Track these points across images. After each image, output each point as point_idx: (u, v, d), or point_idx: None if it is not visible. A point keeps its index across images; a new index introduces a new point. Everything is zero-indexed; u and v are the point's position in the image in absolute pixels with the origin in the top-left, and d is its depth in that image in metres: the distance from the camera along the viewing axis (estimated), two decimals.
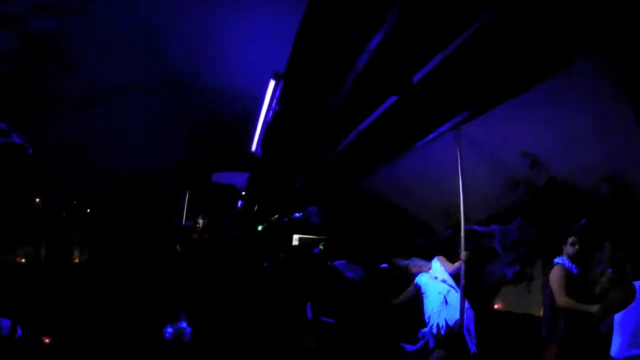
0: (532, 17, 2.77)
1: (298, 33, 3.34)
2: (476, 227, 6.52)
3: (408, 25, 2.97)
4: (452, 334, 4.97)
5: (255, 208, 11.84)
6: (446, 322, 5.01)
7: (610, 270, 3.95)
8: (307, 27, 3.20)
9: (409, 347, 5.39)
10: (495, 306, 6.49)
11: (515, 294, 6.41)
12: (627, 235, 4.78)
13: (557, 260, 4.51)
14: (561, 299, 4.29)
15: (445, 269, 5.33)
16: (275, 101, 5.01)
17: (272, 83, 4.86)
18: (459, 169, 5.21)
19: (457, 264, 5.11)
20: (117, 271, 8.70)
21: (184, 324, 5.77)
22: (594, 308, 3.90)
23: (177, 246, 10.64)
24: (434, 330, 5.07)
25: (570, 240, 4.51)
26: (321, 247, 9.39)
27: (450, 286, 5.22)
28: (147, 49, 5.61)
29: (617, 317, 3.69)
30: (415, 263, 5.68)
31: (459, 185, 5.17)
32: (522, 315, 6.08)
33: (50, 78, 5.63)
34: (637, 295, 3.52)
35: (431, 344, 5.12)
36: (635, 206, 4.92)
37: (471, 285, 5.00)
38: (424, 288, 5.40)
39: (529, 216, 6.13)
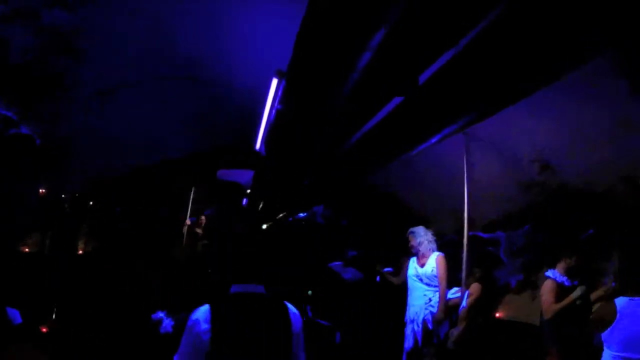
0: (547, 12, 2.62)
1: (299, 31, 3.23)
2: (480, 234, 6.38)
3: (412, 21, 2.85)
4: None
5: (260, 206, 11.77)
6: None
7: (613, 283, 3.87)
8: (307, 25, 3.10)
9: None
10: (497, 315, 6.32)
11: (518, 303, 6.25)
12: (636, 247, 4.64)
13: (547, 273, 4.51)
14: (546, 312, 4.39)
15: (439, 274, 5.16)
16: (277, 100, 4.90)
17: (274, 81, 4.76)
18: (464, 172, 5.12)
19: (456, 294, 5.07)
20: (119, 264, 8.66)
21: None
22: (576, 293, 4.23)
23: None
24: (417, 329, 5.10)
25: (566, 253, 4.50)
26: None
27: (436, 287, 5.14)
28: (158, 41, 5.71)
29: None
30: (420, 236, 5.40)
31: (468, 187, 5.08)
32: (524, 324, 5.91)
33: (64, 71, 5.80)
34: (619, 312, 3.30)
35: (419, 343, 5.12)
36: None
37: None
38: (410, 284, 5.30)
39: (542, 219, 5.96)
